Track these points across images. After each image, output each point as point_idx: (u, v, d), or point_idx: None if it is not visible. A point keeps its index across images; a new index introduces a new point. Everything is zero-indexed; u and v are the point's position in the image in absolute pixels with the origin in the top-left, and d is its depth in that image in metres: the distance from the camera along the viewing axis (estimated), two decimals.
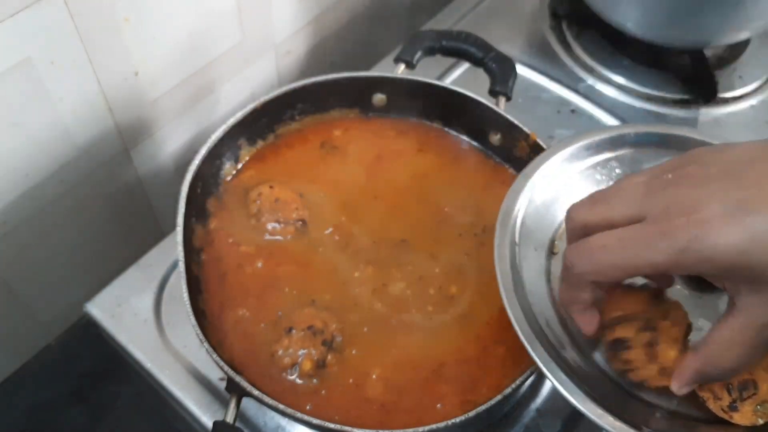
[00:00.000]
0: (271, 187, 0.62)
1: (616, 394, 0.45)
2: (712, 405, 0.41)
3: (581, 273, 0.39)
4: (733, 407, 0.41)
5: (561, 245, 0.52)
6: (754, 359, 0.37)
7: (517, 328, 0.45)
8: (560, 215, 0.53)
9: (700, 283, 0.48)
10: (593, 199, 0.40)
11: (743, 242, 0.31)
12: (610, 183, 0.54)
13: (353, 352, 0.55)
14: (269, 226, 0.61)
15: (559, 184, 0.54)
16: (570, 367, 0.44)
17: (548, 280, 0.50)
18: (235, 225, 0.62)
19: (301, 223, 0.61)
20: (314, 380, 0.53)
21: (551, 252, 0.52)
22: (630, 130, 0.55)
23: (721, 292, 0.47)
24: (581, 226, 0.40)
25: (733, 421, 0.41)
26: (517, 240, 0.51)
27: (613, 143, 0.55)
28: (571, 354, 0.46)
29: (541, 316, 0.47)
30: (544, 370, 0.42)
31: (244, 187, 0.64)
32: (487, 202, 0.65)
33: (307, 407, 0.52)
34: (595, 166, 0.55)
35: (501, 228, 0.51)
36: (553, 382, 0.42)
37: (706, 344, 0.38)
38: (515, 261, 0.50)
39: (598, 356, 0.46)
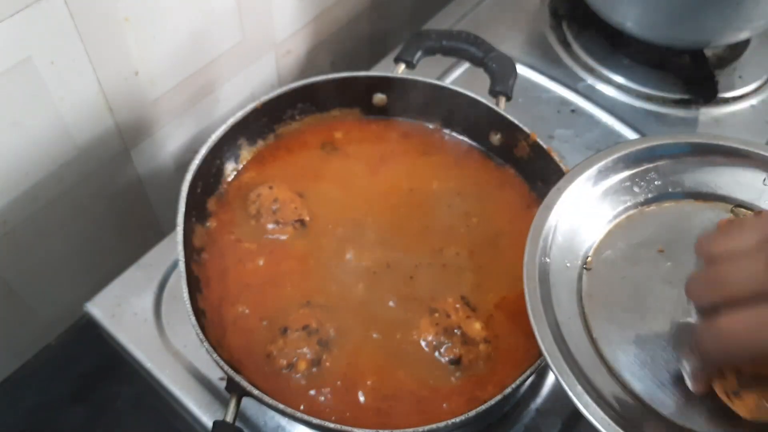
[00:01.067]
0: (270, 187, 0.62)
1: (644, 418, 0.43)
2: (717, 386, 0.41)
3: (713, 359, 0.38)
4: (736, 393, 0.40)
5: (595, 260, 0.50)
6: None
7: (544, 350, 0.43)
8: (594, 230, 0.51)
9: None
10: (708, 276, 0.37)
11: None
12: (649, 195, 0.53)
13: (349, 351, 0.55)
14: (269, 227, 0.61)
15: (594, 198, 0.52)
16: (597, 390, 0.42)
17: (579, 299, 0.48)
18: (236, 224, 0.62)
19: (300, 223, 0.61)
20: (309, 380, 0.53)
21: (584, 268, 0.50)
22: (668, 140, 0.53)
23: None
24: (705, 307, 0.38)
25: (732, 408, 0.41)
26: (548, 256, 0.49)
27: (651, 154, 0.53)
28: (599, 376, 0.44)
29: (569, 335, 0.45)
30: (571, 395, 0.41)
31: (245, 187, 0.64)
32: (489, 203, 0.65)
33: (301, 407, 0.52)
34: (632, 177, 0.53)
35: (531, 244, 0.48)
36: (581, 408, 0.41)
37: None
38: (545, 277, 0.48)
39: (628, 375, 0.45)
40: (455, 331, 0.55)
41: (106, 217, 0.71)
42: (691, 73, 0.82)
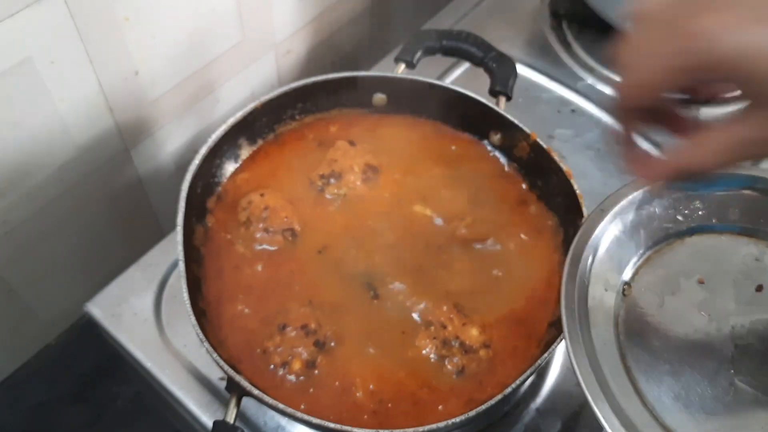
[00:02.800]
0: (261, 195, 0.62)
1: None
2: None
3: (623, 95, 0.39)
4: None
5: (634, 287, 0.50)
6: (726, 165, 0.37)
7: (580, 377, 0.42)
8: (635, 255, 0.51)
9: None
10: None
11: (755, 48, 0.31)
12: (693, 225, 0.52)
13: (345, 354, 0.55)
14: (258, 235, 0.60)
15: (636, 222, 0.51)
16: (629, 419, 0.42)
17: (616, 325, 0.48)
18: (230, 227, 0.61)
19: (290, 232, 0.61)
20: (303, 380, 0.53)
21: (623, 294, 0.50)
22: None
23: None
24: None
25: None
26: (587, 279, 0.48)
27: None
28: (632, 405, 0.43)
29: (604, 361, 0.45)
30: (604, 424, 0.41)
31: (239, 191, 0.63)
32: (487, 203, 0.64)
33: (302, 407, 0.51)
34: (677, 205, 0.52)
35: (571, 265, 0.47)
36: None
37: (699, 144, 0.38)
38: (583, 301, 0.47)
39: (660, 407, 0.44)
40: (453, 342, 0.54)
41: (106, 217, 0.71)
42: None
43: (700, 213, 0.52)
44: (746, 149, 0.36)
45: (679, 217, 0.52)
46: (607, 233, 0.50)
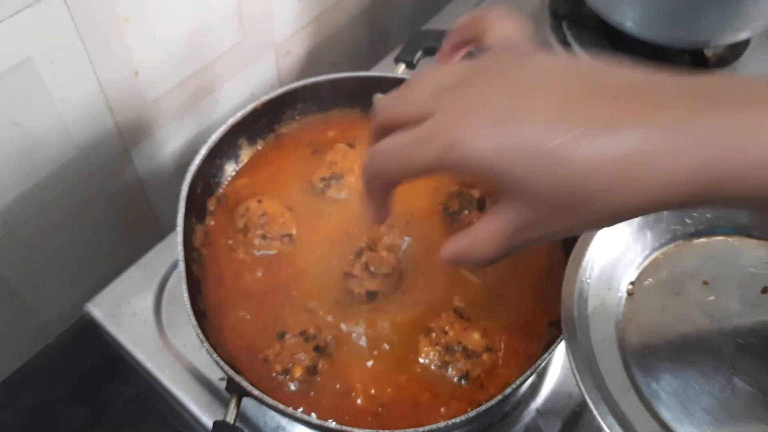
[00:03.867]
0: (259, 201, 0.61)
1: None
2: None
3: (369, 178, 0.39)
4: None
5: (637, 287, 0.50)
6: (510, 254, 0.37)
7: (574, 368, 0.43)
8: (640, 256, 0.51)
9: None
10: (394, 97, 0.39)
11: (492, 155, 0.32)
12: (701, 227, 0.52)
13: (345, 358, 0.55)
14: (256, 242, 0.60)
15: (642, 223, 0.51)
16: (623, 414, 0.42)
17: (617, 323, 0.48)
18: (230, 232, 0.61)
19: (288, 238, 0.60)
20: (305, 385, 0.53)
21: (626, 293, 0.50)
22: None
23: None
24: (378, 127, 0.39)
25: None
26: (590, 277, 0.48)
27: None
28: (628, 401, 0.43)
29: (602, 358, 0.45)
30: (601, 422, 0.41)
31: (238, 197, 0.63)
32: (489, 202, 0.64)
33: (300, 410, 0.52)
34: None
35: (573, 263, 0.48)
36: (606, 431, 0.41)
37: (471, 232, 0.37)
38: (584, 298, 0.47)
39: (657, 403, 0.44)
40: (455, 347, 0.54)
41: (106, 217, 0.71)
42: (691, 73, 0.82)
43: (708, 216, 0.52)
44: (517, 237, 0.35)
45: (687, 220, 0.52)
46: (612, 234, 0.50)
